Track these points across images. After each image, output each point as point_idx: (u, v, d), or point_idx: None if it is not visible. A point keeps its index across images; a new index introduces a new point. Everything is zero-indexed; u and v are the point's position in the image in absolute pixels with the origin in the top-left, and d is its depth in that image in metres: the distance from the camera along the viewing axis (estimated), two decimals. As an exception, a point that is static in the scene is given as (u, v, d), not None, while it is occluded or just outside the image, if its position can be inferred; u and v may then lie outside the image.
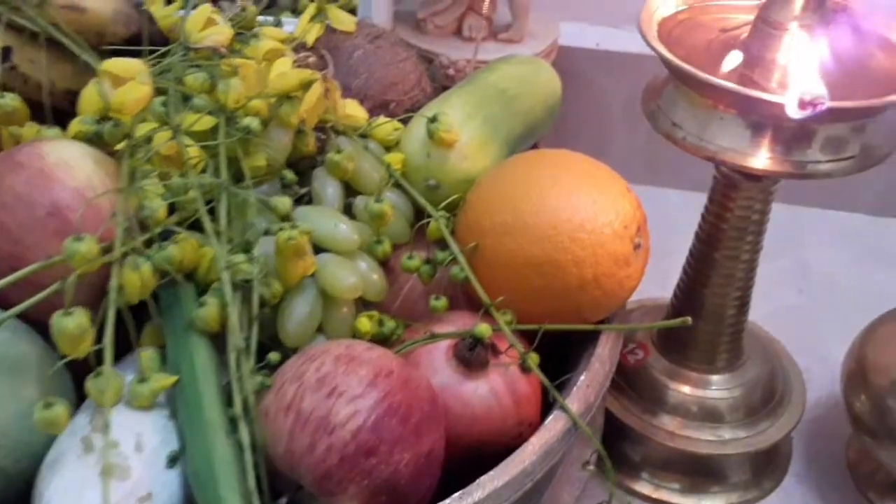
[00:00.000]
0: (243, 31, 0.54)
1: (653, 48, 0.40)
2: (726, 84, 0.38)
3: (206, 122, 0.43)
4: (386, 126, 0.49)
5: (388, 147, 0.49)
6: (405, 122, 0.50)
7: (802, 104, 0.35)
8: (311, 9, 0.54)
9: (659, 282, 0.57)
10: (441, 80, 0.68)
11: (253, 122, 0.42)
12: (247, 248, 0.40)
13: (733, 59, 0.41)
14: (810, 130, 0.39)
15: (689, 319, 0.38)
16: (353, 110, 0.50)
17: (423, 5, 0.69)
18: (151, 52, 0.49)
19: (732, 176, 0.45)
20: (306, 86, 0.43)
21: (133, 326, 0.37)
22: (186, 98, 0.44)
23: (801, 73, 0.36)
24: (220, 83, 0.42)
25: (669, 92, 0.43)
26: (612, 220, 0.41)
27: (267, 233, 0.41)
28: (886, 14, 0.44)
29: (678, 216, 0.62)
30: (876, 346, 0.53)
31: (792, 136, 0.39)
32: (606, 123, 0.78)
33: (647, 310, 0.60)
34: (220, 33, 0.46)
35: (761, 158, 0.40)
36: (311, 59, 0.45)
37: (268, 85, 0.43)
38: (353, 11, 0.72)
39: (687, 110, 0.42)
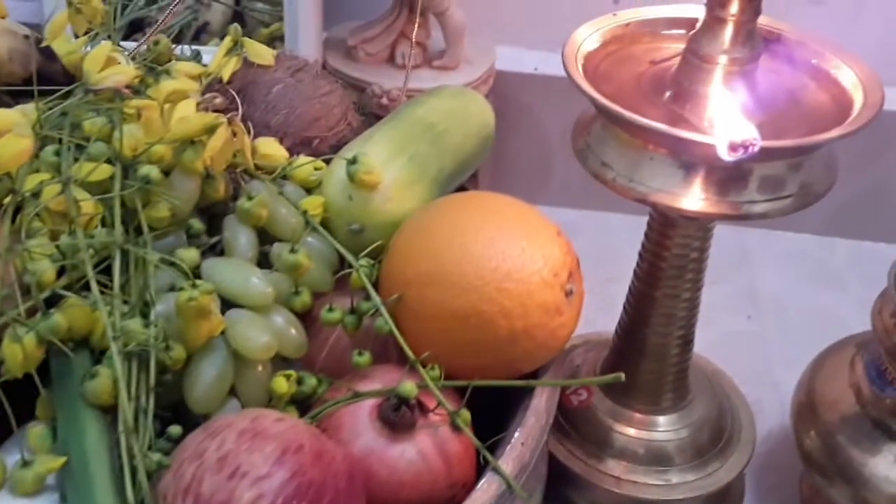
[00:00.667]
0: (156, 66, 0.51)
1: (578, 86, 0.38)
2: (654, 124, 0.36)
3: (104, 171, 0.39)
4: (306, 166, 0.46)
5: (310, 188, 0.46)
6: (331, 159, 0.47)
7: (733, 146, 0.33)
8: (226, 42, 0.51)
9: (606, 308, 0.55)
10: (374, 110, 0.65)
11: (152, 171, 0.39)
12: (146, 309, 0.36)
13: (664, 95, 0.39)
14: (745, 170, 0.37)
15: (621, 375, 0.36)
16: (271, 149, 0.47)
17: (354, 32, 0.67)
18: (52, 92, 0.46)
19: (668, 213, 0.43)
20: (210, 130, 0.39)
21: (8, 407, 0.34)
22: (83, 146, 0.41)
23: (731, 112, 0.34)
24: (115, 130, 0.39)
25: (598, 129, 0.41)
26: (540, 268, 0.38)
27: (172, 288, 0.38)
28: (820, 43, 0.42)
29: (622, 241, 0.60)
30: (825, 380, 0.52)
31: (726, 175, 0.38)
32: (547, 148, 0.76)
33: (592, 345, 0.58)
34: (122, 73, 0.43)
35: (694, 200, 0.38)
36: (218, 100, 0.42)
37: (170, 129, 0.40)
38: (279, 39, 0.69)
39: (616, 149, 0.39)
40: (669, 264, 0.45)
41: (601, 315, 0.57)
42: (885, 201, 0.75)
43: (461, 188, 0.53)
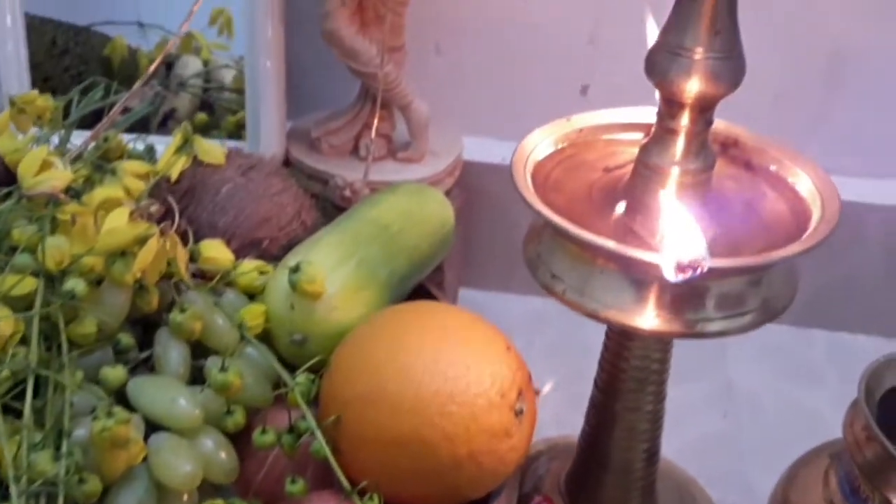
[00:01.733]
0: (104, 163, 0.50)
1: (525, 200, 0.36)
2: (601, 242, 0.34)
3: (28, 284, 0.37)
4: (250, 272, 0.44)
5: (254, 294, 0.44)
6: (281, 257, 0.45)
7: (680, 267, 0.31)
8: (176, 139, 0.50)
9: (578, 405, 0.53)
10: (336, 202, 0.64)
11: (77, 285, 0.37)
12: (59, 438, 0.34)
13: (616, 205, 0.38)
14: (701, 287, 0.36)
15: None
16: (216, 252, 0.45)
17: (317, 124, 0.66)
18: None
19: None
20: (142, 241, 0.38)
21: None
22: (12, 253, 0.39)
23: (680, 229, 0.33)
24: (40, 243, 0.37)
25: (548, 239, 0.39)
26: (486, 389, 0.36)
27: (94, 411, 0.35)
28: (778, 149, 0.41)
29: (595, 333, 0.58)
30: (799, 494, 0.49)
31: (681, 292, 0.36)
32: (516, 237, 0.73)
33: (558, 452, 0.55)
34: (57, 178, 0.41)
35: (648, 317, 0.36)
36: (154, 208, 0.40)
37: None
38: (241, 127, 0.68)
39: (566, 261, 0.38)
40: (629, 376, 0.43)
41: (573, 413, 0.54)
42: (858, 291, 0.73)
43: (420, 287, 0.52)
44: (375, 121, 0.61)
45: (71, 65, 0.76)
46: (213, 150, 0.50)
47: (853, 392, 0.46)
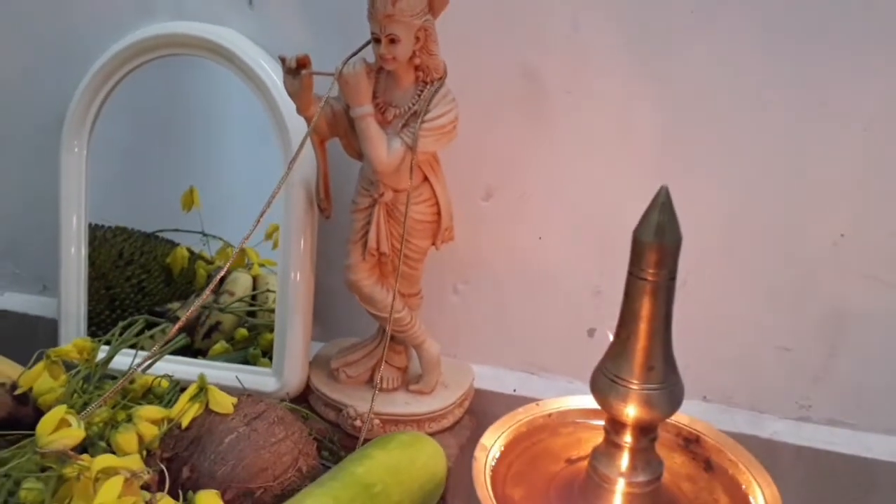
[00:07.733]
0: (130, 405, 0.55)
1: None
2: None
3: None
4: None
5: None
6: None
7: None
8: (192, 388, 0.55)
9: None
10: (348, 430, 0.67)
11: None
12: None
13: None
14: None
15: None
16: (210, 505, 0.48)
17: (338, 356, 0.70)
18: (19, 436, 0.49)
19: None
20: (129, 514, 0.41)
21: None
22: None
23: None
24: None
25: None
26: None
27: None
28: (736, 453, 0.42)
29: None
30: None
31: None
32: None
33: None
34: (69, 437, 0.46)
35: None
36: (148, 476, 0.44)
37: None
38: (268, 353, 0.72)
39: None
40: None
41: None
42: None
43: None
44: (384, 356, 0.65)
45: (133, 274, 0.83)
46: (223, 400, 0.54)
47: None
